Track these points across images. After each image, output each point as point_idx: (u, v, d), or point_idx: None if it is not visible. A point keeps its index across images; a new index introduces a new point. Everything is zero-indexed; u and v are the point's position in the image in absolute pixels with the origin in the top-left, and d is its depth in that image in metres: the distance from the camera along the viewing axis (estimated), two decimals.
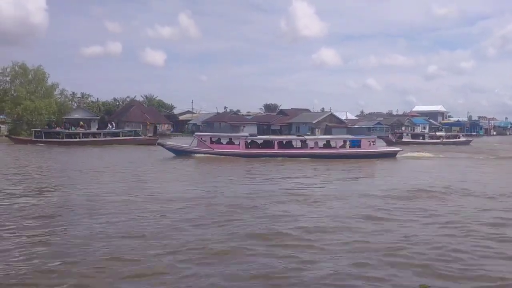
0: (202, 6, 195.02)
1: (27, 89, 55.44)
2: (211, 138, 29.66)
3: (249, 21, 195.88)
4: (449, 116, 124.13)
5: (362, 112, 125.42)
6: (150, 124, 72.42)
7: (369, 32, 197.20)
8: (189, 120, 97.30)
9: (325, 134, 75.60)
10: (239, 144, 28.91)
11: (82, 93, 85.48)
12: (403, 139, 50.07)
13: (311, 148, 29.49)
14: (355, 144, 29.98)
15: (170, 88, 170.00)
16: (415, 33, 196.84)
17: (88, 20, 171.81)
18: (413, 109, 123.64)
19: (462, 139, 54.34)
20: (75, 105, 75.65)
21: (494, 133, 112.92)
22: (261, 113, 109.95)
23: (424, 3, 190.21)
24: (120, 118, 75.35)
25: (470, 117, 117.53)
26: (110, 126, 54.40)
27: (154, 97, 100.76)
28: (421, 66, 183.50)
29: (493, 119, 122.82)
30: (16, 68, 55.86)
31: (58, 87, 59.54)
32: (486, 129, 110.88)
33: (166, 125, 79.42)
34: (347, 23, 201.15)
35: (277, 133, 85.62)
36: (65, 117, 62.62)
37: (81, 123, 53.85)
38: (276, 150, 28.43)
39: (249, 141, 29.44)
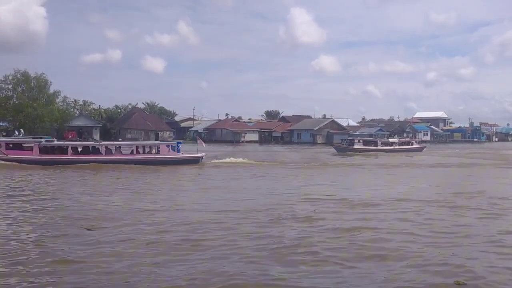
0: (202, 14, 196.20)
1: (29, 97, 55.71)
2: (8, 143, 28.19)
3: (249, 28, 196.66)
4: (451, 123, 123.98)
5: (363, 118, 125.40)
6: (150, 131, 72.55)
7: (369, 39, 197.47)
8: (191, 127, 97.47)
9: (326, 140, 75.71)
10: (33, 150, 27.46)
11: (84, 101, 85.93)
12: (354, 146, 48.83)
13: (109, 154, 28.46)
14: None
15: (171, 95, 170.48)
16: (414, 40, 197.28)
17: (88, 28, 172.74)
18: (415, 116, 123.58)
19: (415, 146, 54.38)
20: (77, 112, 75.98)
21: (496, 139, 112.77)
22: (263, 120, 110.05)
23: (423, 10, 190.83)
24: (122, 125, 75.61)
25: (471, 124, 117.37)
26: (17, 133, 51.89)
27: (156, 104, 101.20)
28: (421, 72, 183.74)
29: (495, 125, 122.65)
30: (18, 76, 56.18)
31: (60, 94, 59.89)
32: (488, 135, 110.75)
33: (168, 132, 79.56)
34: (346, 30, 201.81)
35: (279, 140, 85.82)
36: (67, 124, 62.92)
37: None
38: (69, 156, 27.44)
39: (45, 146, 28.02)
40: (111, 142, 32.11)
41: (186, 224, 10.79)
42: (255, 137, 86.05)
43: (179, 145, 30.62)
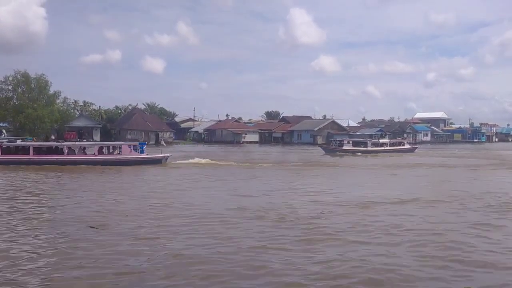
0: (202, 14, 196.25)
1: (29, 98, 55.63)
2: None
3: (249, 29, 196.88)
4: (451, 123, 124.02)
5: (364, 119, 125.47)
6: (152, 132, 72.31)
7: (368, 40, 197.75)
8: (191, 128, 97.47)
9: (327, 141, 75.61)
10: None
11: (84, 101, 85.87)
12: (344, 147, 47.68)
13: (72, 154, 28.52)
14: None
15: (171, 96, 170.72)
16: (414, 40, 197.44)
17: (88, 28, 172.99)
18: (415, 116, 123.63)
19: (407, 146, 53.39)
20: (78, 113, 75.95)
21: (496, 139, 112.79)
22: (263, 121, 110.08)
23: (423, 10, 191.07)
24: (122, 126, 75.56)
25: (472, 124, 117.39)
26: None
27: (156, 105, 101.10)
28: (421, 73, 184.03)
29: (495, 125, 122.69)
30: (18, 77, 56.01)
31: (60, 95, 59.75)
32: (488, 136, 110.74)
33: (168, 133, 79.55)
34: (346, 30, 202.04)
35: (279, 141, 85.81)
36: (68, 125, 62.87)
37: None
38: (31, 157, 27.26)
39: (7, 147, 27.89)
40: (74, 143, 32.52)
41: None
42: (255, 137, 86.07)
43: (143, 146, 30.83)
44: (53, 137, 48.76)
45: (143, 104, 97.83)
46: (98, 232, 10.08)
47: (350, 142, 50.42)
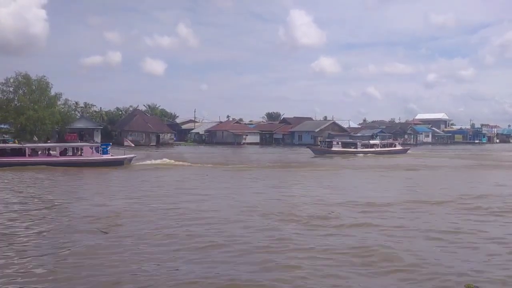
0: (202, 15, 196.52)
1: (31, 99, 55.63)
2: None
3: (249, 30, 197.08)
4: (452, 124, 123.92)
5: (364, 120, 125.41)
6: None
7: (368, 41, 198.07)
8: (192, 129, 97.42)
9: None
10: None
11: (85, 103, 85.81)
12: (333, 148, 47.09)
13: (35, 156, 28.44)
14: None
15: (172, 97, 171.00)
16: (414, 42, 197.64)
17: (88, 30, 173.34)
18: (416, 117, 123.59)
19: (399, 147, 52.66)
20: (79, 114, 75.96)
21: (497, 140, 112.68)
22: (264, 122, 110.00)
23: (423, 10, 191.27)
24: (123, 127, 75.57)
25: (473, 125, 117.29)
26: None
27: (157, 106, 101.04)
28: (421, 74, 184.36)
29: (496, 126, 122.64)
30: (19, 78, 56.03)
31: (61, 96, 59.76)
32: (489, 137, 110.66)
33: (169, 134, 79.51)
34: (346, 31, 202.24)
35: (280, 142, 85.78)
36: (69, 126, 62.90)
37: None
38: None
39: None
40: (37, 144, 32.33)
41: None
42: (256, 139, 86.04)
43: (107, 147, 30.65)
44: (35, 139, 48.92)
45: (144, 105, 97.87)
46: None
47: (340, 143, 49.36)
